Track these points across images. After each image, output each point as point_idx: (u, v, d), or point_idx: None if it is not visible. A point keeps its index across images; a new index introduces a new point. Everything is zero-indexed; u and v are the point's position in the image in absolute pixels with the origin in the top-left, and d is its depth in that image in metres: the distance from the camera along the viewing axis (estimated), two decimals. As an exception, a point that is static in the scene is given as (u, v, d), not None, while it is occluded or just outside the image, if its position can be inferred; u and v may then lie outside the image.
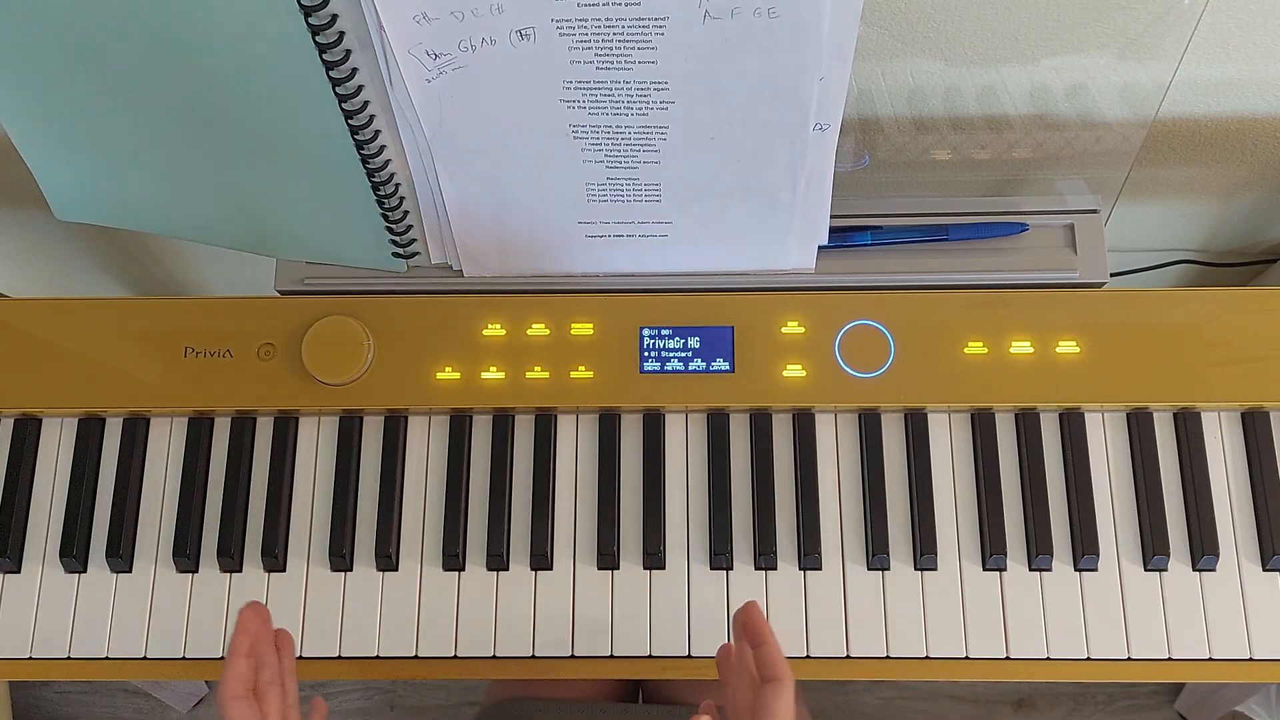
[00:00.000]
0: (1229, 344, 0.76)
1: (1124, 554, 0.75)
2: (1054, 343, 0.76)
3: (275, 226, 0.78)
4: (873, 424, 0.77)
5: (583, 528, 0.76)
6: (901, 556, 0.75)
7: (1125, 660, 0.73)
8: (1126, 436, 0.77)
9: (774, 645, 0.61)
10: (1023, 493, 0.76)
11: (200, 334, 0.78)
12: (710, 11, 0.59)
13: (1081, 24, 0.71)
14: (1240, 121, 0.85)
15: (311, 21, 0.59)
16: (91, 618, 0.76)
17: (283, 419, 0.79)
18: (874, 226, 0.81)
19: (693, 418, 0.78)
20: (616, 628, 0.74)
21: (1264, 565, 0.74)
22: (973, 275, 0.80)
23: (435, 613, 0.75)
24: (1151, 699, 1.35)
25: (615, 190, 0.73)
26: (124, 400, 0.78)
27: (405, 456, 0.78)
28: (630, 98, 0.65)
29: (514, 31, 0.60)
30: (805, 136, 0.68)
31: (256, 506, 0.77)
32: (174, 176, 0.74)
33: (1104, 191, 0.81)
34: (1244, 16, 0.74)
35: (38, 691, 1.41)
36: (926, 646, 0.73)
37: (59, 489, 0.79)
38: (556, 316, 0.78)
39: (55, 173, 0.75)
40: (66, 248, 1.10)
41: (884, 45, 0.75)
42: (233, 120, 0.68)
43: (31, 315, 0.79)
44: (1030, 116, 0.78)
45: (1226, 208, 1.00)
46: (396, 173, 0.72)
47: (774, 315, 0.77)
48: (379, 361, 0.77)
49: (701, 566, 0.75)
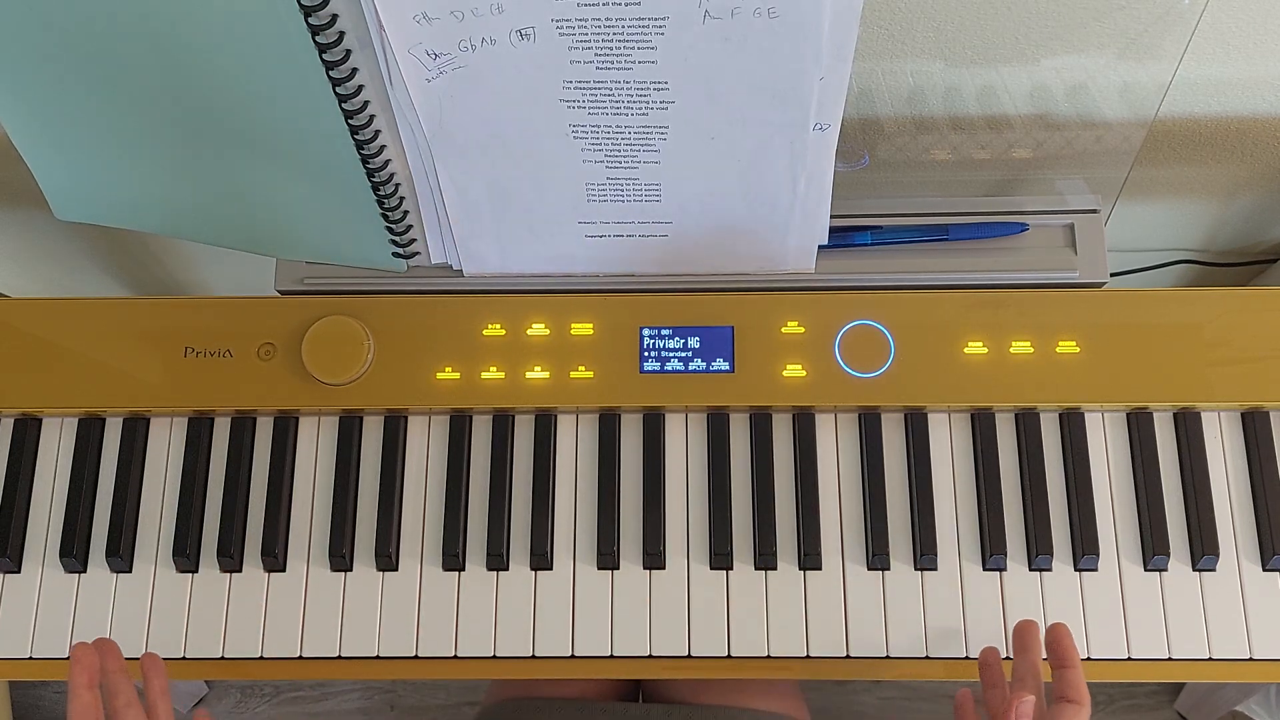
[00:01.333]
0: (1229, 344, 0.76)
1: (1124, 554, 0.75)
2: (1054, 343, 0.76)
3: (275, 226, 0.78)
4: (873, 424, 0.77)
5: (583, 528, 0.76)
6: (901, 556, 0.75)
7: (1125, 660, 0.73)
8: (1126, 436, 0.77)
9: (1080, 668, 0.65)
10: (1023, 493, 0.76)
11: (200, 334, 0.78)
12: (710, 11, 0.59)
13: (1081, 24, 0.71)
14: (1240, 121, 0.85)
15: (311, 21, 0.59)
16: (91, 618, 0.76)
17: (283, 419, 0.79)
18: (874, 226, 0.81)
19: (693, 418, 0.78)
20: (616, 628, 0.74)
21: (1264, 565, 0.74)
22: (973, 275, 0.80)
23: (435, 613, 0.75)
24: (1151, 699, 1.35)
25: (615, 190, 0.73)
26: (124, 400, 0.78)
27: (405, 456, 0.78)
28: (630, 98, 0.65)
29: (514, 31, 0.60)
30: (805, 136, 0.68)
31: (256, 506, 0.77)
32: (174, 177, 0.74)
33: (1104, 191, 0.81)
34: (1244, 16, 0.74)
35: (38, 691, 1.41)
36: (926, 646, 0.73)
37: (59, 489, 0.79)
38: (556, 316, 0.78)
39: (55, 173, 0.75)
40: (66, 248, 1.10)
41: (884, 45, 0.75)
42: (232, 120, 0.68)
43: (31, 315, 0.79)
44: (1030, 116, 0.78)
45: (1226, 208, 1.00)
46: (396, 173, 0.72)
47: (774, 315, 0.77)
48: (379, 361, 0.77)
49: (701, 566, 0.75)
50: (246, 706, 1.39)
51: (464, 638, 0.74)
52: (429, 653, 0.74)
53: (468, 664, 0.74)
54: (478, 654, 0.74)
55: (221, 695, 1.39)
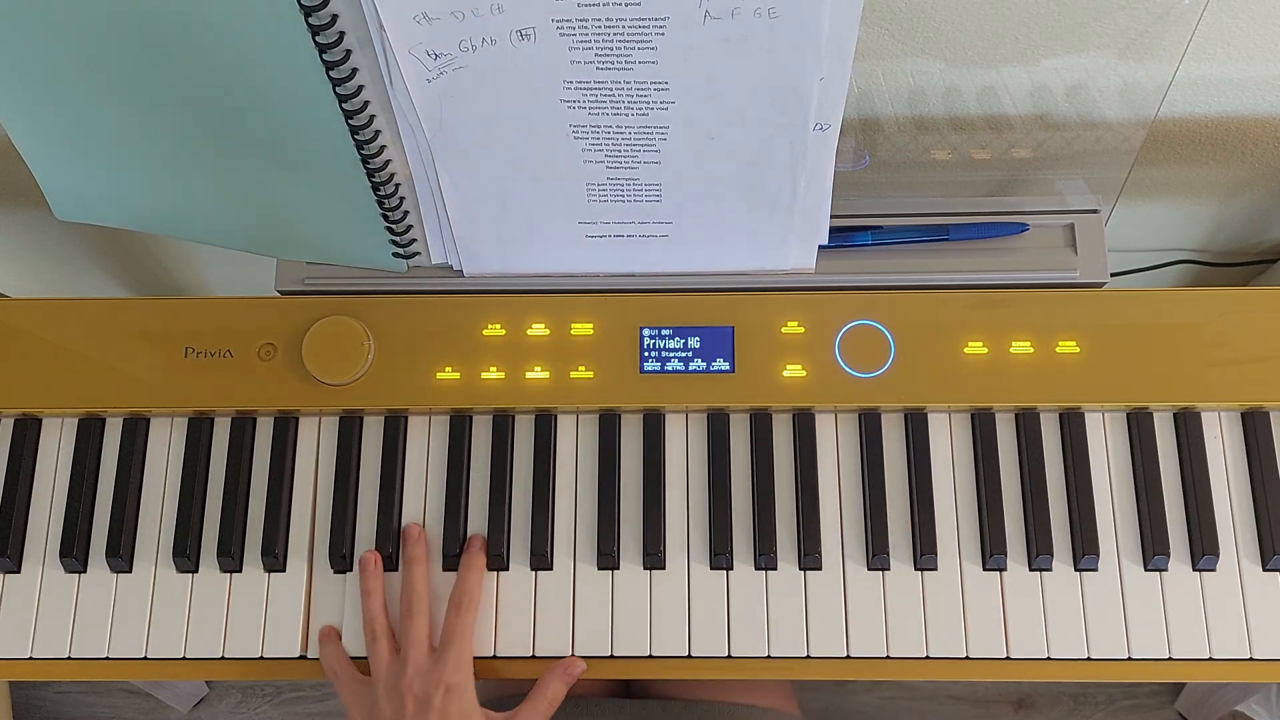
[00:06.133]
0: (1229, 344, 0.76)
1: (1124, 554, 0.75)
2: (1054, 343, 0.76)
3: (275, 226, 0.78)
4: (873, 424, 0.77)
5: (583, 528, 0.76)
6: (901, 556, 0.75)
7: (1125, 660, 0.73)
8: (1126, 436, 0.77)
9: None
10: (1023, 493, 0.76)
11: (200, 334, 0.78)
12: (710, 11, 0.59)
13: (1081, 24, 0.71)
14: (1240, 121, 0.85)
15: (311, 21, 0.59)
16: (91, 618, 0.76)
17: (283, 419, 0.79)
18: (874, 226, 0.81)
19: (693, 418, 0.78)
20: (617, 628, 0.74)
21: (1264, 565, 0.74)
22: (973, 275, 0.80)
23: (435, 613, 0.75)
24: (1151, 699, 1.35)
25: (615, 190, 0.73)
26: (124, 400, 0.78)
27: (405, 456, 0.78)
28: (630, 98, 0.65)
29: (514, 31, 0.60)
30: (805, 136, 0.68)
31: (256, 506, 0.77)
32: (174, 176, 0.74)
33: (1104, 191, 0.81)
34: (1244, 16, 0.74)
35: (38, 691, 1.41)
36: (926, 646, 0.73)
37: (59, 489, 0.79)
38: (556, 316, 0.78)
39: (55, 173, 0.75)
40: (66, 248, 1.10)
41: (884, 45, 0.75)
42: (232, 120, 0.68)
43: (31, 315, 0.79)
44: (1030, 116, 0.78)
45: (1226, 208, 1.00)
46: (396, 173, 0.72)
47: (774, 315, 0.77)
48: (379, 361, 0.77)
49: (701, 566, 0.75)
50: (247, 706, 1.39)
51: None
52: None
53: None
54: (478, 654, 0.74)
55: (222, 695, 1.39)
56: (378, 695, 0.70)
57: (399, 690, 0.69)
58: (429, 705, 0.68)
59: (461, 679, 0.70)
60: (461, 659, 0.70)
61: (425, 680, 0.69)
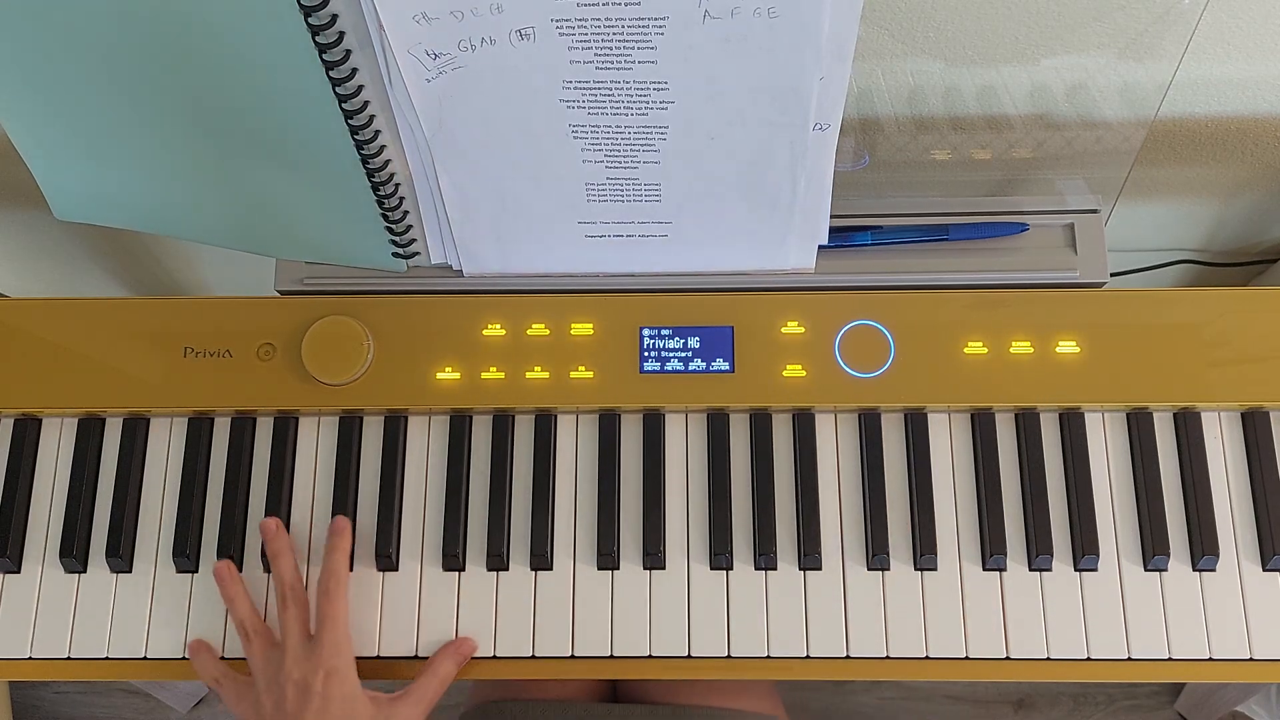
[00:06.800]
0: (1229, 344, 0.76)
1: (1124, 554, 0.75)
2: (1054, 343, 0.76)
3: (275, 226, 0.78)
4: (873, 424, 0.77)
5: (583, 528, 0.76)
6: (901, 556, 0.75)
7: (1125, 660, 0.73)
8: (1126, 436, 0.77)
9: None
10: (1023, 493, 0.76)
11: (200, 334, 0.78)
12: (710, 11, 0.59)
13: (1081, 24, 0.71)
14: (1240, 121, 0.85)
15: (311, 21, 0.59)
16: (91, 618, 0.76)
17: (283, 419, 0.79)
18: (874, 226, 0.81)
19: (693, 418, 0.78)
20: (616, 628, 0.74)
21: (1264, 565, 0.74)
22: (973, 275, 0.80)
23: (435, 613, 0.75)
24: (1151, 699, 1.35)
25: (615, 190, 0.73)
26: (124, 400, 0.78)
27: (405, 456, 0.78)
28: (630, 98, 0.65)
29: (513, 31, 0.60)
30: (805, 136, 0.68)
31: (256, 506, 0.77)
32: (174, 177, 0.74)
33: (1104, 191, 0.81)
34: (1244, 16, 0.74)
35: (38, 691, 1.41)
36: (926, 646, 0.73)
37: (59, 489, 0.79)
38: (556, 316, 0.78)
39: (55, 173, 0.75)
40: (66, 248, 1.10)
41: (884, 45, 0.75)
42: (232, 120, 0.68)
43: (31, 315, 0.79)
44: (1030, 116, 0.78)
45: (1226, 208, 1.00)
46: (396, 173, 0.72)
47: (774, 315, 0.77)
48: (379, 361, 0.77)
49: (701, 566, 0.75)
50: (246, 706, 1.39)
51: (464, 638, 0.74)
52: (429, 653, 0.74)
53: (468, 664, 0.74)
54: (477, 654, 0.74)
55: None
56: (259, 690, 0.70)
57: (279, 681, 0.69)
58: (310, 691, 0.68)
59: (341, 662, 0.69)
60: (339, 643, 0.70)
61: (303, 668, 0.69)
